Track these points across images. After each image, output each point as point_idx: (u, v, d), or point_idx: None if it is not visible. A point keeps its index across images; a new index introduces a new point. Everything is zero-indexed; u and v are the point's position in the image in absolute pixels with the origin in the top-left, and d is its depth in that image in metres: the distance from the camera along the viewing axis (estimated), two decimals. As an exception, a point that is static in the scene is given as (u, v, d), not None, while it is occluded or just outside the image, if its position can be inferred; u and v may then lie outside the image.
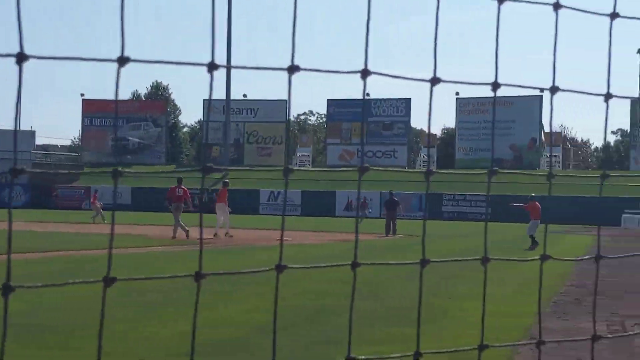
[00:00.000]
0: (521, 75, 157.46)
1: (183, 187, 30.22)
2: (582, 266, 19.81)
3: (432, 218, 41.39)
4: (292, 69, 2.27)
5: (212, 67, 2.18)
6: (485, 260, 2.59)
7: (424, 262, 2.49)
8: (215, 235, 30.30)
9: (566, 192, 60.82)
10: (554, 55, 2.62)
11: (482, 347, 2.58)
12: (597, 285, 2.91)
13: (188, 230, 28.56)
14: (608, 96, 2.69)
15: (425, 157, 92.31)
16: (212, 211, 32.49)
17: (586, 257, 2.93)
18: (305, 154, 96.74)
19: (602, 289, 15.59)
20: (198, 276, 2.16)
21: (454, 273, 16.98)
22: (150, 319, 11.16)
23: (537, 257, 2.72)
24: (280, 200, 70.46)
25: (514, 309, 12.56)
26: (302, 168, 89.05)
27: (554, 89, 2.60)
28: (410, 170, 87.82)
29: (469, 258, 2.63)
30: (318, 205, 67.40)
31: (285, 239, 2.16)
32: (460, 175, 72.57)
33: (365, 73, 2.37)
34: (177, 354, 8.76)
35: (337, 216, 65.29)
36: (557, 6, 2.49)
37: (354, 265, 2.33)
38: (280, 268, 2.27)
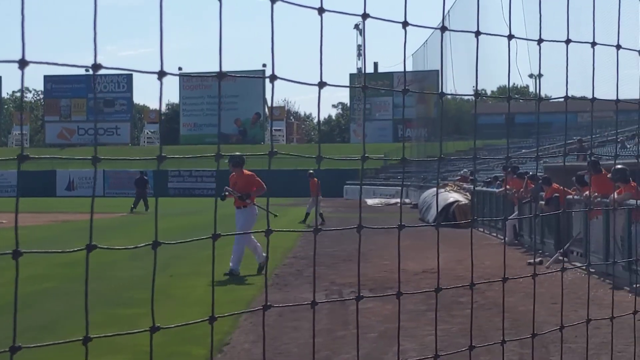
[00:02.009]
0: (243, 50, 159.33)
1: None
2: (307, 238, 20.43)
3: (157, 195, 40.90)
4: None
5: None
6: (214, 237, 2.51)
7: (155, 244, 2.38)
8: None
9: (289, 166, 62.51)
10: (272, 40, 2.58)
11: (212, 319, 2.53)
12: (315, 258, 2.93)
13: None
14: (321, 85, 2.69)
15: (149, 133, 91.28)
16: None
17: (306, 230, 2.92)
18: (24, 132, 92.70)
19: (322, 259, 16.12)
20: None
21: (177, 253, 16.90)
22: None
23: (261, 230, 2.68)
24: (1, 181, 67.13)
25: (235, 283, 12.71)
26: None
27: (273, 77, 2.57)
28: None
29: (198, 238, 2.55)
30: (37, 185, 64.81)
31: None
32: (185, 150, 72.52)
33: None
34: None
35: (59, 196, 63.22)
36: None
37: (89, 248, 2.18)
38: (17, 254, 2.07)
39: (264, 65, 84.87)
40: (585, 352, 4.66)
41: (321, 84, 2.70)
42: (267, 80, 2.67)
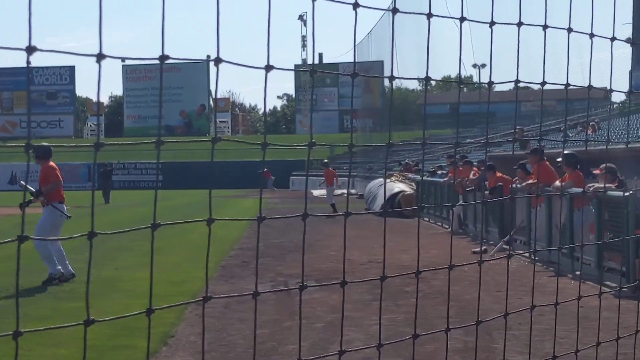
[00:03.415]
0: (186, 42, 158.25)
1: None
2: (253, 229, 20.36)
3: (99, 188, 40.67)
4: None
5: None
6: (154, 227, 2.47)
7: (91, 235, 2.34)
8: None
9: (236, 157, 62.34)
10: (217, 21, 2.55)
11: (150, 311, 2.49)
12: (258, 247, 2.92)
13: None
14: (268, 68, 2.66)
15: (93, 125, 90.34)
16: None
17: (249, 218, 2.89)
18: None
19: (269, 251, 16.10)
20: None
21: (124, 244, 16.74)
22: None
23: (203, 219, 2.63)
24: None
25: (182, 276, 12.62)
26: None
27: (218, 60, 2.53)
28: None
29: (138, 227, 2.50)
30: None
31: None
32: (130, 144, 71.83)
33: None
34: None
35: (1, 190, 62.25)
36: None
37: (20, 239, 2.14)
38: None
39: (208, 56, 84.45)
40: (529, 338, 4.71)
41: (268, 67, 2.67)
42: (212, 69, 2.64)
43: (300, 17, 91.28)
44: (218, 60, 2.56)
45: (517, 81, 3.49)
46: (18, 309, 2.36)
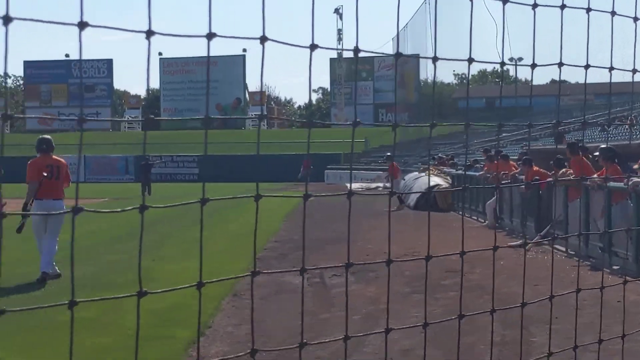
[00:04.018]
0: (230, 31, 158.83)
1: None
2: (291, 222, 20.44)
3: (139, 181, 41.11)
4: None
5: None
6: (203, 201, 2.54)
7: (142, 208, 2.41)
8: None
9: (273, 151, 62.51)
10: (263, 8, 2.60)
11: (200, 285, 2.57)
12: (305, 225, 2.94)
13: None
14: (313, 47, 2.71)
15: (130, 118, 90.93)
16: None
17: (296, 195, 2.95)
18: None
19: (306, 243, 16.13)
20: None
21: (167, 233, 16.93)
22: None
23: (251, 195, 2.69)
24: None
25: (221, 266, 12.71)
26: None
27: (263, 39, 2.58)
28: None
29: (186, 202, 2.56)
30: (21, 170, 64.49)
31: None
32: (166, 136, 72.16)
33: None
34: None
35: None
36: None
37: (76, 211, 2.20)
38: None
39: (245, 50, 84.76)
40: (569, 331, 4.72)
41: (312, 46, 2.71)
42: (249, 62, 2.70)
43: (336, 11, 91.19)
44: (264, 39, 2.61)
45: (560, 64, 3.48)
46: (73, 278, 2.44)
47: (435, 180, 28.22)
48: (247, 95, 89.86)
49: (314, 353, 7.15)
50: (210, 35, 2.44)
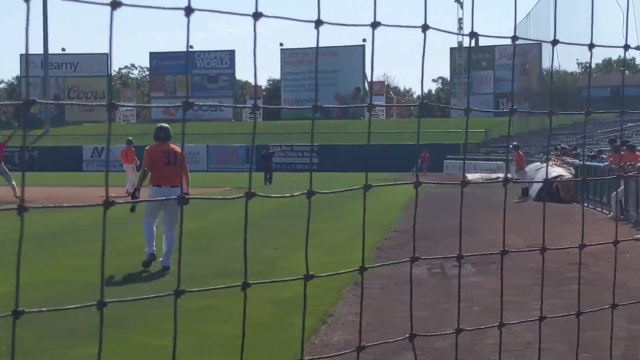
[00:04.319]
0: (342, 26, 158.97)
1: None
2: (410, 213, 20.41)
3: (260, 170, 41.82)
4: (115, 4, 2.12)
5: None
6: (366, 187, 2.59)
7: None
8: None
9: (389, 141, 62.42)
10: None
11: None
12: (414, 229, 2.96)
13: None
14: (425, 27, 2.73)
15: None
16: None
17: (407, 182, 2.97)
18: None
19: (425, 234, 16.09)
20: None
21: (286, 224, 17.12)
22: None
23: (359, 187, 2.74)
24: (105, 156, 68.93)
25: (340, 257, 12.81)
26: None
27: (375, 24, 2.62)
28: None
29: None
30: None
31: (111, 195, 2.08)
32: (285, 126, 72.89)
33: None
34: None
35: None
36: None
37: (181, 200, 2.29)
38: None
39: (364, 40, 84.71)
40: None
41: (425, 27, 2.73)
42: (368, 52, 2.71)
43: (457, 0, 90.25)
44: (375, 25, 2.64)
45: None
46: (180, 271, 2.52)
47: (557, 170, 27.68)
48: (366, 85, 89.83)
49: (434, 343, 7.14)
50: (318, 22, 2.48)
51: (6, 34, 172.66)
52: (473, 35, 2.96)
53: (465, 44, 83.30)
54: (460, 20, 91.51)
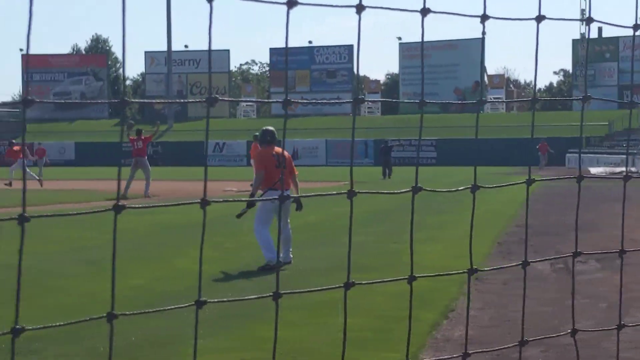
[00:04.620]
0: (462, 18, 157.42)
1: (143, 137, 26.56)
2: (532, 207, 20.09)
3: (378, 165, 42.04)
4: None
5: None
6: (474, 188, 2.62)
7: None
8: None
9: (505, 135, 61.64)
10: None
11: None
12: (527, 225, 2.93)
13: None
14: (539, 18, 2.71)
15: (370, 103, 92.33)
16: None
17: (519, 182, 2.95)
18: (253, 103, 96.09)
19: (548, 229, 15.84)
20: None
21: (408, 220, 17.12)
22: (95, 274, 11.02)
23: (467, 187, 2.73)
24: (226, 151, 70.12)
25: (463, 250, 12.71)
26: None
27: (485, 17, 2.63)
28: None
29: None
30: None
31: (229, 189, 2.14)
32: (404, 120, 72.68)
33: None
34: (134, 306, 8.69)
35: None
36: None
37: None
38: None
39: (484, 33, 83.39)
40: None
41: (539, 18, 2.71)
42: (487, 45, 2.70)
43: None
44: (484, 17, 2.63)
45: None
46: (277, 271, 2.56)
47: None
48: (485, 78, 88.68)
49: (559, 340, 7.03)
50: (424, 11, 2.49)
51: (132, 33, 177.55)
52: (589, 20, 2.92)
53: (586, 33, 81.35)
54: (582, 12, 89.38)
